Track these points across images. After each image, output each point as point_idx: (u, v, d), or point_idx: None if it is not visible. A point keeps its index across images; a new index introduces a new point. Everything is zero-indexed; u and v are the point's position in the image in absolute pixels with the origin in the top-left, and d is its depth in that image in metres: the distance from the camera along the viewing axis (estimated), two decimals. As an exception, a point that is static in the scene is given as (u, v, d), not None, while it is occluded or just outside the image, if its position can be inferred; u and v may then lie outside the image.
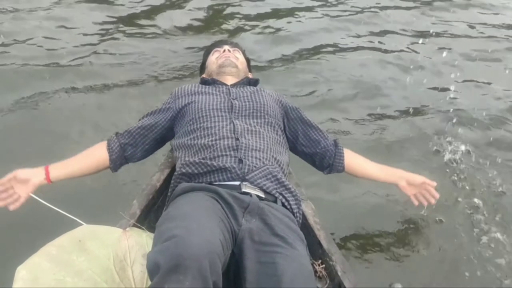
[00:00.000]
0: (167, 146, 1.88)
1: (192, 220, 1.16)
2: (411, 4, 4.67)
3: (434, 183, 1.84)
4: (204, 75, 2.02)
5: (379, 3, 4.54)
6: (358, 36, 3.94)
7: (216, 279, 1.06)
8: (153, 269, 1.05)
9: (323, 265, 1.51)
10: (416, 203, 1.87)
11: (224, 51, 1.99)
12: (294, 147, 1.84)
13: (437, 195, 1.85)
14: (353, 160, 1.83)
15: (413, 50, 3.76)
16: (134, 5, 4.13)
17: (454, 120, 2.84)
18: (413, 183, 1.84)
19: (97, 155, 1.70)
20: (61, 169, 1.62)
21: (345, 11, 4.38)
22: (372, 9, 4.42)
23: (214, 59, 1.99)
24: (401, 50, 3.75)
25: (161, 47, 3.50)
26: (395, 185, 1.85)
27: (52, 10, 3.89)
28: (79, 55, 3.26)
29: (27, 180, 1.55)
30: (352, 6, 4.48)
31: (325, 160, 1.81)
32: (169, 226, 1.14)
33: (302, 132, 1.82)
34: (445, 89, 3.22)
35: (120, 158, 1.73)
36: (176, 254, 1.03)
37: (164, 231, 1.14)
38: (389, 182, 1.86)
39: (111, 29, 3.72)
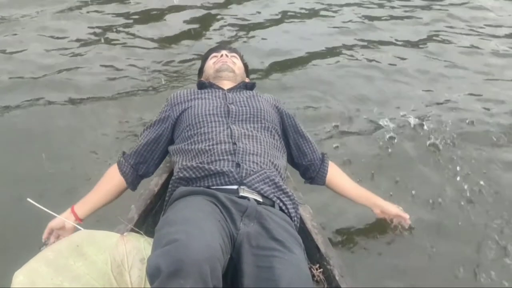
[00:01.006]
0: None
1: (193, 224, 1.16)
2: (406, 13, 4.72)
3: (407, 216, 1.90)
4: (201, 79, 2.03)
5: (379, 14, 4.57)
6: (354, 45, 3.96)
7: (216, 283, 1.06)
8: (153, 273, 1.05)
9: (321, 269, 1.51)
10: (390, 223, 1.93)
11: (222, 56, 2.00)
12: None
13: (407, 226, 1.91)
14: (335, 177, 1.88)
15: (405, 58, 3.79)
16: (125, 14, 4.17)
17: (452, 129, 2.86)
18: (387, 213, 1.89)
19: (113, 182, 1.73)
20: (85, 207, 1.66)
21: (344, 21, 4.41)
22: (368, 20, 4.45)
23: (211, 63, 2.00)
24: (398, 58, 3.78)
25: (153, 56, 3.52)
26: (372, 209, 1.90)
27: (38, 20, 3.90)
28: (66, 66, 3.27)
29: (63, 227, 1.59)
30: (350, 16, 4.52)
31: (308, 172, 1.87)
32: (170, 230, 1.14)
33: (293, 140, 1.85)
34: (440, 98, 3.22)
35: (135, 178, 1.76)
36: (177, 258, 1.03)
37: (164, 235, 1.13)
38: (366, 205, 1.90)
39: (98, 38, 3.73)
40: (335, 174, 1.88)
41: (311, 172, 1.86)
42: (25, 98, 2.84)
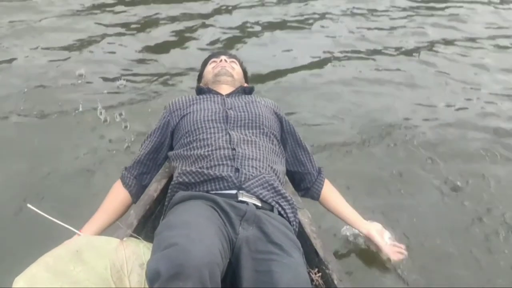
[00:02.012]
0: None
1: (192, 228, 1.16)
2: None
3: (403, 247, 1.75)
4: (200, 84, 2.04)
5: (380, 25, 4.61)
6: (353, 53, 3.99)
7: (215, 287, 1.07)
8: (153, 277, 1.06)
9: (320, 274, 1.51)
10: (396, 257, 1.73)
11: (221, 61, 2.01)
12: None
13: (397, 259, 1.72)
14: (329, 194, 1.84)
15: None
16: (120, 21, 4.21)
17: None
18: (382, 240, 1.74)
19: (119, 198, 1.71)
20: (94, 227, 1.61)
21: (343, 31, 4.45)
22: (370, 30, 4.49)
23: (210, 68, 2.02)
24: (398, 69, 3.80)
25: (140, 67, 3.54)
26: (364, 235, 1.77)
27: (24, 31, 3.93)
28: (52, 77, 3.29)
29: None
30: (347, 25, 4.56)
31: (303, 182, 1.84)
32: (169, 234, 1.15)
33: (291, 148, 1.85)
34: (429, 109, 3.25)
35: (139, 188, 1.74)
36: (177, 262, 1.04)
37: (164, 238, 1.14)
38: (358, 229, 1.81)
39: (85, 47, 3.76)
40: (329, 190, 1.85)
41: (306, 182, 1.84)
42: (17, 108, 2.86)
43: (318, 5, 4.96)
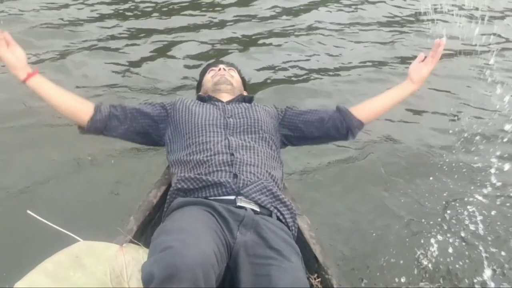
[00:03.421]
0: (164, 164, 1.90)
1: (188, 233, 1.17)
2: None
3: (422, 54, 1.76)
4: (200, 93, 2.06)
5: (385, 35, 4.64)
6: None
7: None
8: (147, 279, 1.07)
9: (319, 279, 1.51)
10: (434, 62, 1.73)
11: (220, 69, 2.03)
12: (306, 138, 1.85)
13: (439, 42, 1.70)
14: (362, 107, 1.81)
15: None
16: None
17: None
18: (417, 71, 1.75)
19: (84, 104, 1.68)
20: (44, 82, 1.60)
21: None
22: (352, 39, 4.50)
23: (209, 77, 2.03)
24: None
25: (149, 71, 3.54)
26: (411, 87, 1.76)
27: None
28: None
29: (15, 68, 1.55)
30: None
31: (339, 128, 1.79)
32: (165, 238, 1.16)
33: (303, 122, 1.82)
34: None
35: (102, 122, 1.69)
36: (171, 264, 1.05)
37: (160, 243, 1.15)
38: (405, 94, 1.79)
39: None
40: (359, 107, 1.81)
41: (340, 125, 1.78)
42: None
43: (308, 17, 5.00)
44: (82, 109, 1.67)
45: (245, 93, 2.07)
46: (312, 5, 5.24)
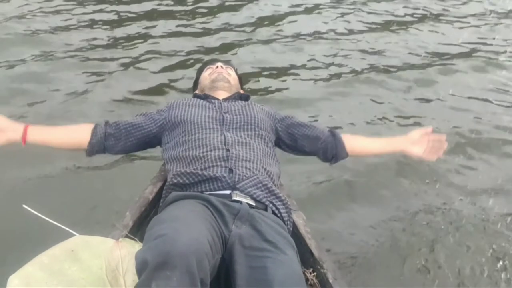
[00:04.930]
0: (161, 160, 1.90)
1: (181, 221, 1.18)
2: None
3: (430, 127, 1.83)
4: (196, 91, 2.06)
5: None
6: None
7: (204, 277, 1.08)
8: (140, 266, 1.07)
9: (315, 273, 1.52)
10: (432, 158, 1.81)
11: (217, 67, 2.04)
12: (295, 149, 1.87)
13: (444, 138, 1.79)
14: (353, 143, 1.85)
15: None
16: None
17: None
18: (415, 140, 1.81)
19: (79, 132, 1.71)
20: (40, 134, 1.62)
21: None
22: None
23: (207, 75, 2.04)
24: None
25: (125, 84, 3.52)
26: (401, 152, 1.83)
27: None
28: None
29: (3, 130, 1.57)
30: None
31: (328, 152, 1.83)
32: (159, 227, 1.17)
33: (299, 134, 1.84)
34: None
35: (99, 144, 1.72)
36: (164, 251, 1.05)
37: (153, 232, 1.16)
38: (394, 152, 1.85)
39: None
40: (352, 140, 1.85)
41: (330, 150, 1.82)
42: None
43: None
44: (79, 138, 1.71)
45: (241, 91, 2.08)
46: (298, 12, 5.20)
